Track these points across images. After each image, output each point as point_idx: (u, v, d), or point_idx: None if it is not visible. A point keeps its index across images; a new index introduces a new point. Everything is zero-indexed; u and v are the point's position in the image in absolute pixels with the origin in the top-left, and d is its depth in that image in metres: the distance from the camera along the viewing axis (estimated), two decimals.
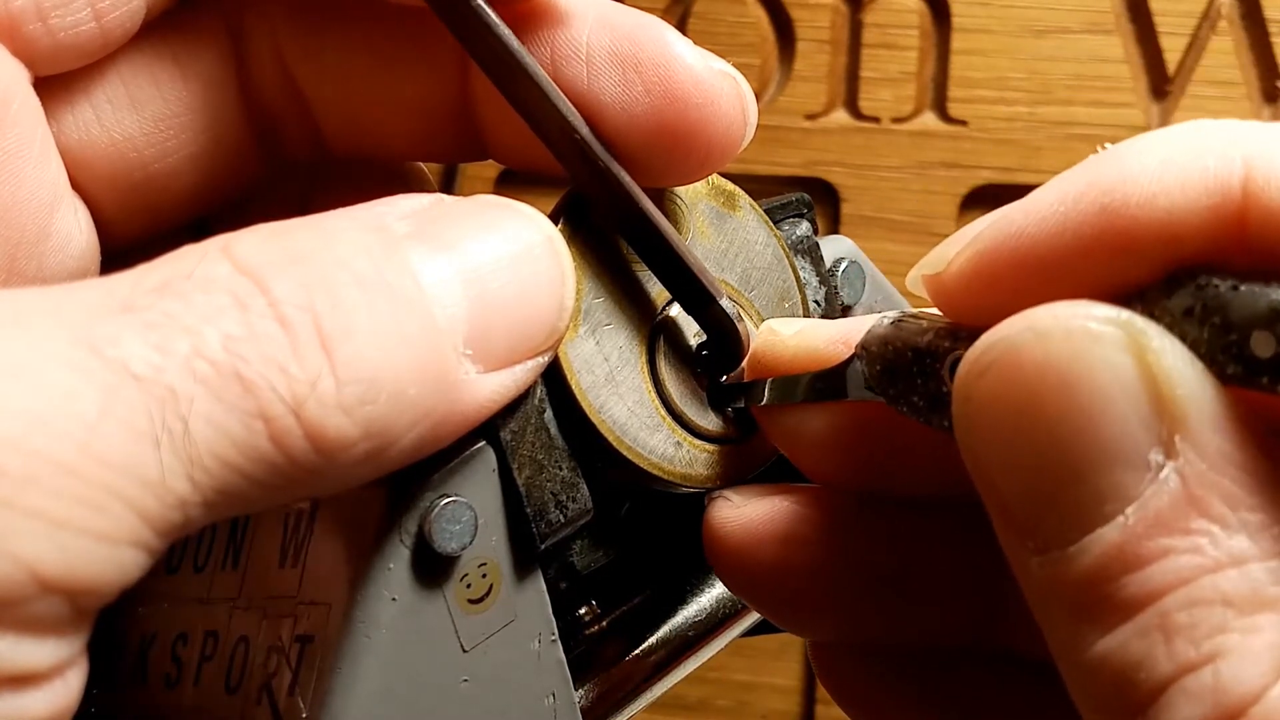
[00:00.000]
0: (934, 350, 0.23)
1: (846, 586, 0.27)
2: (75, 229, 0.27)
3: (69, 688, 0.20)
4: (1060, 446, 0.20)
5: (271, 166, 0.30)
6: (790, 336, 0.27)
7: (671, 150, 0.26)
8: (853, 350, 0.26)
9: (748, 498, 0.28)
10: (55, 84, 0.27)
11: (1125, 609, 0.20)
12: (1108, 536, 0.20)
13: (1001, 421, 0.21)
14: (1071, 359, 0.20)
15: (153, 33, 0.28)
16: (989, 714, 0.27)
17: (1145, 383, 0.20)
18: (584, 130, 0.26)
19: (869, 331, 0.24)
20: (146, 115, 0.28)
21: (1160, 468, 0.20)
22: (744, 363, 0.28)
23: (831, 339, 0.27)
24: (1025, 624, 0.26)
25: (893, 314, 0.25)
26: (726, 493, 0.28)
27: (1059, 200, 0.22)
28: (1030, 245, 0.22)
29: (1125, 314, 0.20)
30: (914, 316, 0.24)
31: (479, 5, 0.25)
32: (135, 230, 0.29)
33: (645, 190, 0.26)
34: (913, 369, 0.24)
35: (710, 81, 0.26)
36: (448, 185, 0.58)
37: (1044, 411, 0.20)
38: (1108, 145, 0.22)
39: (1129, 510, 0.20)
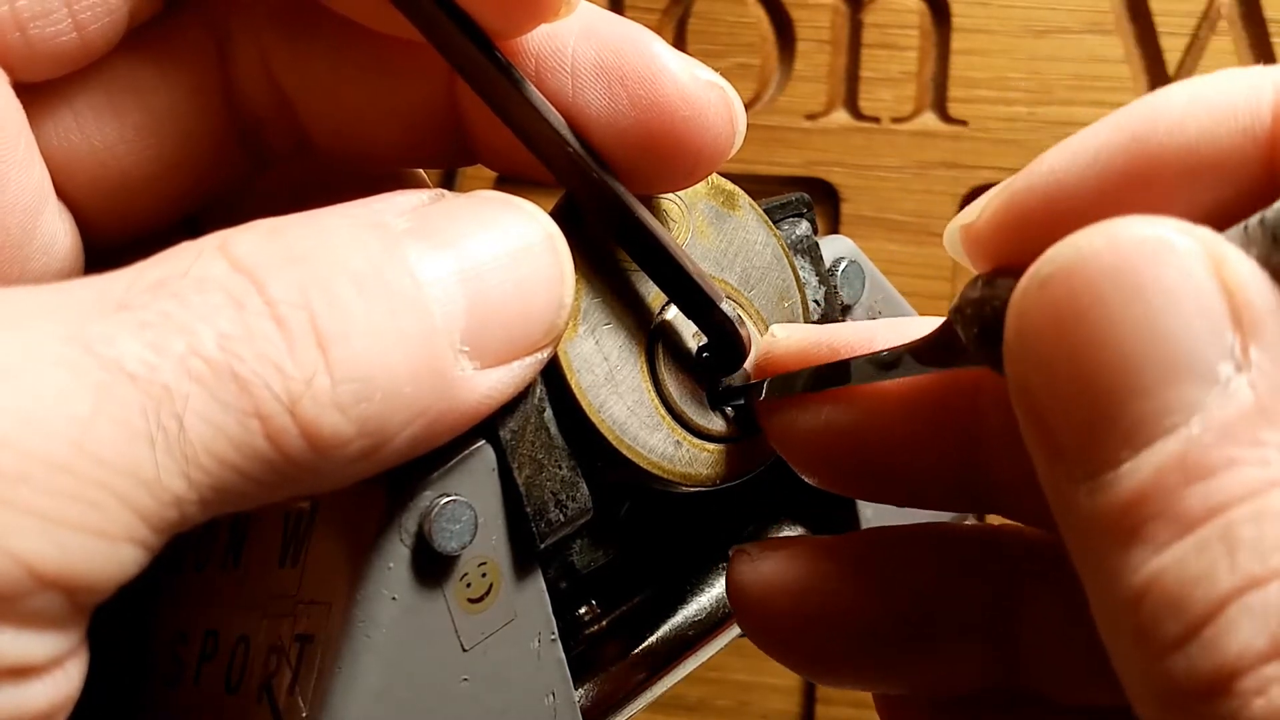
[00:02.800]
0: None
1: (871, 633, 0.27)
2: (59, 232, 0.27)
3: (69, 679, 0.21)
4: (1123, 357, 0.19)
5: (258, 169, 0.30)
6: (784, 337, 0.28)
7: (658, 161, 0.26)
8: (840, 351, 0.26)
9: (765, 552, 0.28)
10: (37, 90, 0.27)
11: (1183, 523, 0.18)
12: (1168, 448, 0.18)
13: (1059, 334, 0.19)
14: (1143, 266, 0.19)
15: (136, 40, 0.27)
16: None
17: (1221, 292, 0.19)
18: (575, 144, 0.25)
19: (962, 294, 0.23)
20: (128, 123, 0.28)
21: (1229, 380, 0.18)
22: (748, 365, 0.28)
23: (826, 340, 0.27)
24: (1050, 663, 0.26)
25: (981, 275, 0.23)
26: (747, 548, 0.28)
27: (1091, 136, 0.21)
28: (1061, 182, 0.21)
29: (1201, 228, 0.19)
30: (1003, 274, 0.23)
31: (464, 23, 0.25)
32: (119, 233, 0.29)
33: (638, 195, 0.26)
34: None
35: (697, 92, 0.26)
36: (447, 185, 0.58)
37: (1109, 316, 0.19)
38: None
39: (1194, 420, 0.18)
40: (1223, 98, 0.21)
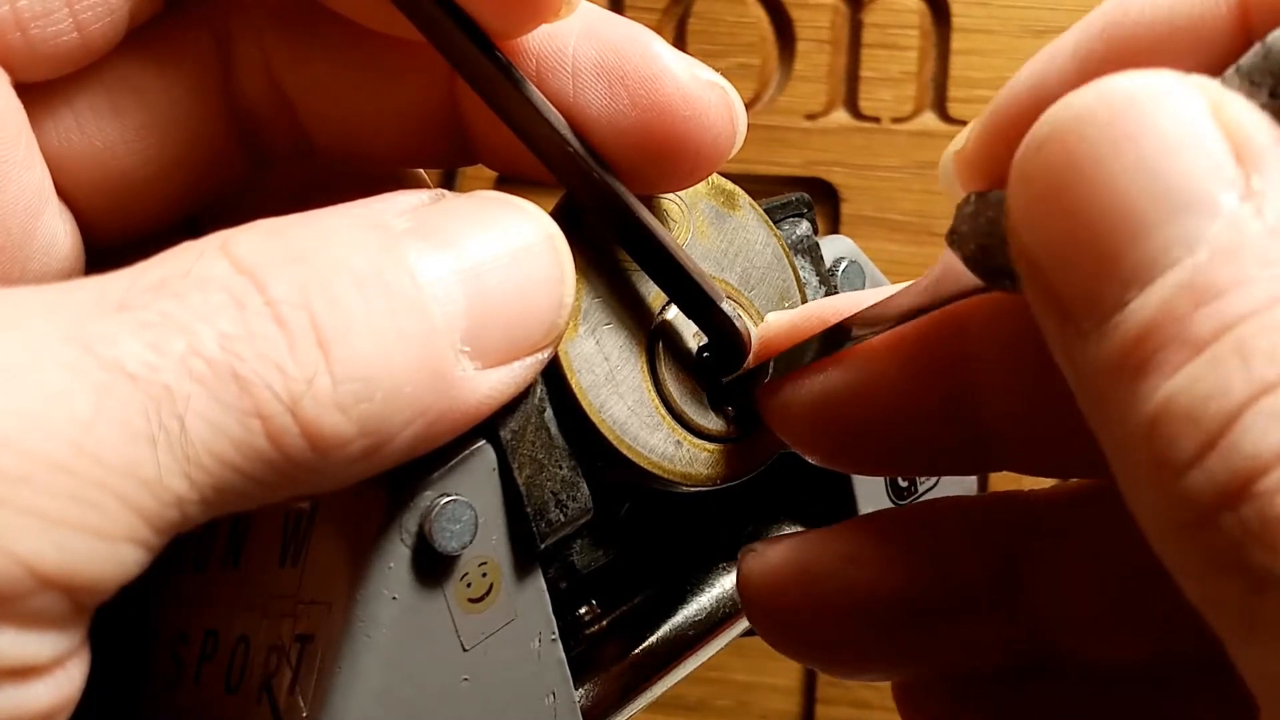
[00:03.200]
0: None
1: (881, 615, 0.27)
2: (60, 232, 0.27)
3: (70, 679, 0.21)
4: (1122, 200, 0.19)
5: (258, 169, 0.30)
6: (773, 318, 0.28)
7: (659, 161, 0.26)
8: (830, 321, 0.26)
9: (771, 545, 0.28)
10: (37, 90, 0.27)
11: (1195, 344, 0.18)
12: (1174, 278, 0.18)
13: (1057, 192, 0.19)
14: (1139, 112, 0.19)
15: (137, 40, 0.27)
16: None
17: (1220, 129, 0.18)
18: (575, 144, 0.25)
19: (955, 217, 0.23)
20: (128, 123, 0.28)
21: (1234, 209, 0.18)
22: (749, 360, 0.28)
23: (815, 312, 0.27)
24: (1064, 622, 0.26)
25: (973, 192, 0.23)
26: (753, 545, 0.28)
27: (1065, 35, 0.21)
28: (1043, 83, 0.21)
29: (1197, 75, 0.19)
30: (994, 189, 0.23)
31: (464, 23, 0.25)
32: (119, 233, 0.29)
33: (638, 195, 0.26)
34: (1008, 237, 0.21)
35: (697, 92, 0.26)
36: (447, 185, 0.58)
37: (1104, 168, 0.19)
38: None
39: (1199, 248, 0.18)
40: None
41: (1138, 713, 0.26)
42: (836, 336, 0.26)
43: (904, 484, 0.32)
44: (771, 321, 0.28)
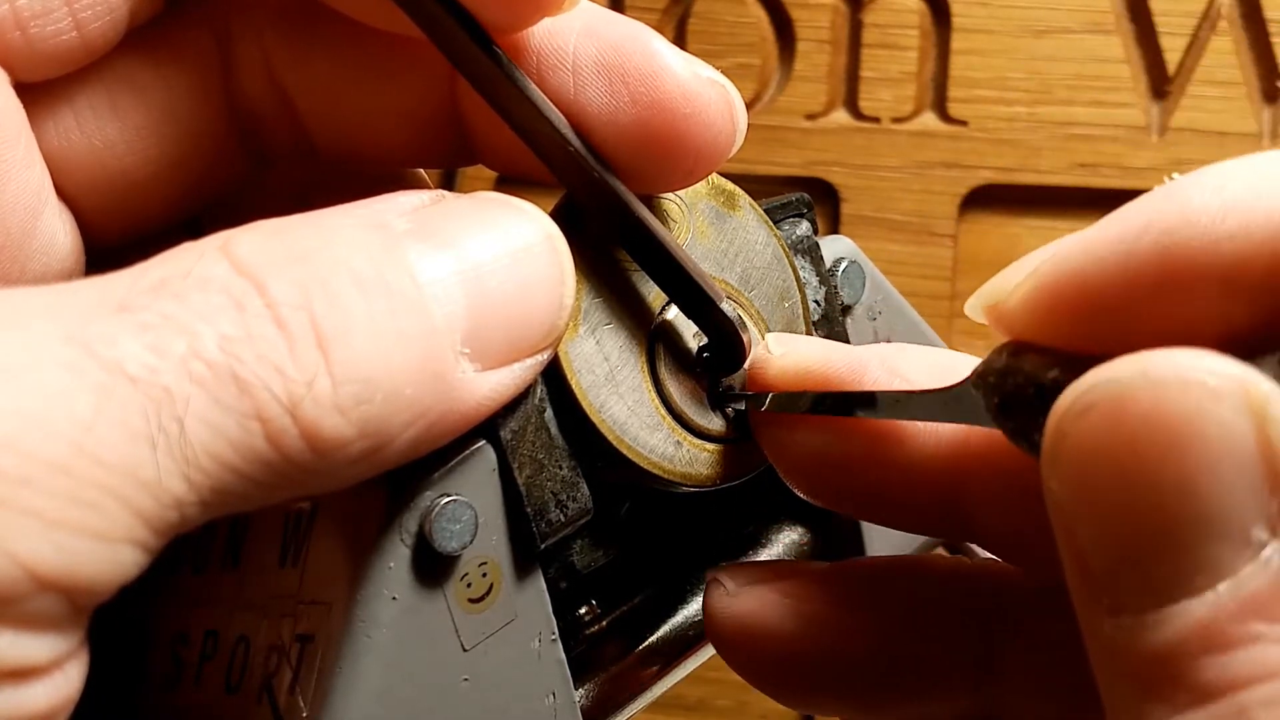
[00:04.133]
0: (1059, 386, 0.21)
1: (851, 671, 0.27)
2: (60, 232, 0.27)
3: (69, 680, 0.21)
4: (1157, 507, 0.18)
5: (258, 169, 0.30)
6: (779, 357, 0.27)
7: (659, 159, 0.26)
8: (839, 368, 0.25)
9: (741, 586, 0.27)
10: (37, 90, 0.27)
11: (1201, 693, 0.18)
12: (1194, 611, 0.18)
13: (1096, 469, 0.19)
14: (1184, 413, 0.18)
15: (137, 40, 0.27)
16: None
17: (1261, 451, 0.18)
18: (576, 143, 0.25)
19: (987, 362, 0.23)
20: (128, 123, 0.28)
21: (1262, 546, 0.18)
22: (745, 370, 0.28)
23: (820, 360, 0.27)
24: (1030, 703, 0.26)
25: (1008, 344, 0.23)
26: (721, 578, 0.28)
27: (1118, 241, 0.20)
28: (1090, 286, 0.21)
29: (1249, 372, 0.19)
30: (1030, 347, 0.23)
31: (465, 20, 0.25)
32: (119, 233, 0.29)
33: (638, 194, 0.26)
34: (1034, 404, 0.22)
35: (698, 90, 0.26)
36: (447, 185, 0.58)
37: (1146, 466, 0.18)
38: (1175, 176, 0.21)
39: (1221, 587, 0.18)
40: (1259, 211, 0.19)
41: None
42: (842, 402, 0.26)
43: None
44: (776, 358, 0.27)
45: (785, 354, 0.27)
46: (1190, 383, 0.18)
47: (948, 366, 0.26)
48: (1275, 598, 0.18)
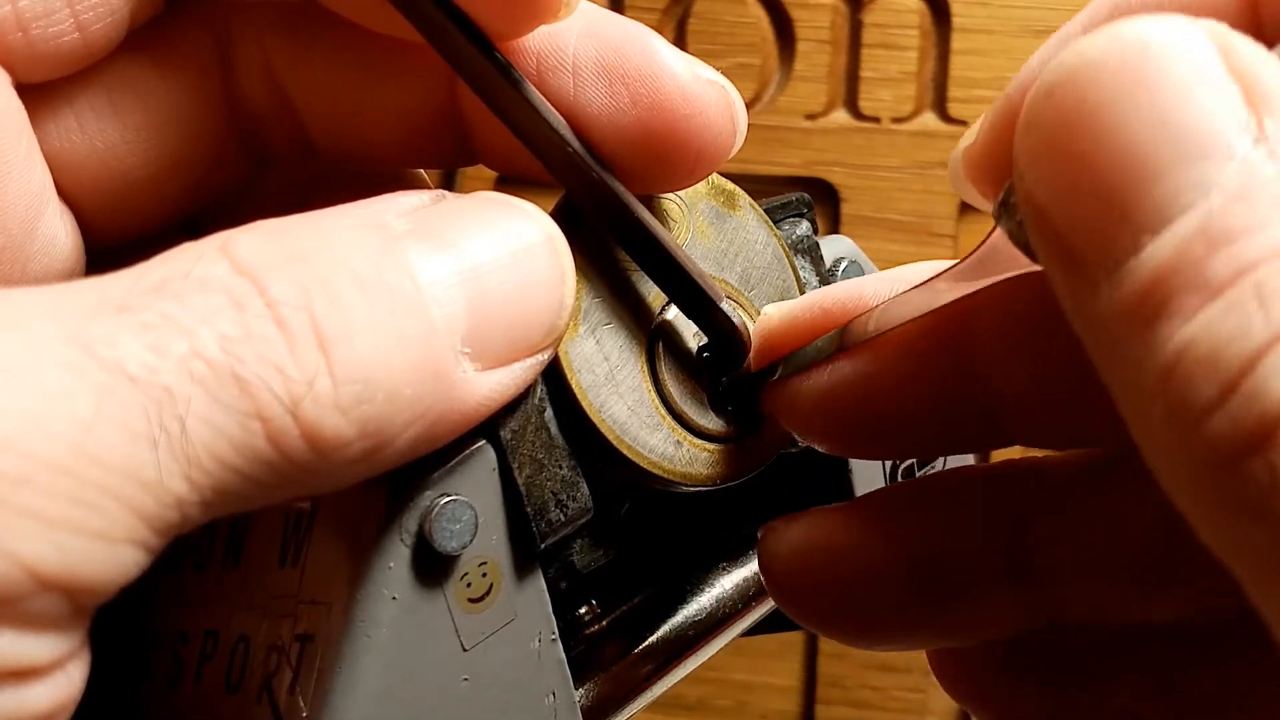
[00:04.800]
0: None
1: (900, 587, 0.27)
2: (60, 233, 0.27)
3: (70, 680, 0.21)
4: (1133, 146, 0.18)
5: (258, 169, 0.30)
6: (777, 308, 0.28)
7: (659, 160, 0.26)
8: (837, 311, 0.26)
9: (789, 523, 0.28)
10: (38, 90, 0.27)
11: (1211, 288, 0.17)
12: (1188, 222, 0.18)
13: (1067, 139, 0.19)
14: (1150, 57, 0.18)
15: (138, 41, 0.27)
16: (1123, 692, 0.27)
17: (1231, 72, 0.18)
18: (575, 144, 0.25)
19: (1003, 190, 0.22)
20: (129, 123, 0.28)
21: (1247, 152, 0.18)
22: (750, 356, 0.28)
23: (815, 302, 0.27)
24: (1077, 588, 0.26)
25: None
26: (774, 522, 0.28)
27: (1077, 19, 0.21)
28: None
29: (1205, 19, 0.19)
30: None
31: (464, 24, 0.25)
32: (120, 234, 0.29)
33: (638, 195, 0.26)
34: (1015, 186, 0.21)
35: (698, 91, 0.26)
36: (447, 186, 0.58)
37: (1115, 114, 0.18)
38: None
39: (1212, 193, 0.18)
40: None
41: (1168, 665, 0.26)
42: (849, 336, 0.26)
43: (905, 479, 0.32)
44: (771, 313, 0.28)
45: (781, 305, 0.28)
46: (1156, 30, 0.19)
47: (930, 269, 0.26)
48: (1272, 187, 0.18)
